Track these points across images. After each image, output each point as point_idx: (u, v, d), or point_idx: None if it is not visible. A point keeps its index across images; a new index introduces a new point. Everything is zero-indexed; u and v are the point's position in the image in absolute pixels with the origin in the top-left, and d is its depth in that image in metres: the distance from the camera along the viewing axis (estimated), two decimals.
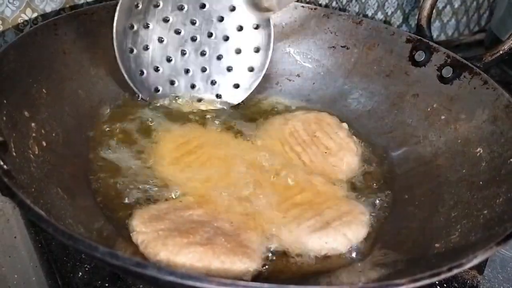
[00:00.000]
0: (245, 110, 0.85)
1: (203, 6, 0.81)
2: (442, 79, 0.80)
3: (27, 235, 0.66)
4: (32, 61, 0.68)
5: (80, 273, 0.61)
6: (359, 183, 0.75)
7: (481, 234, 0.59)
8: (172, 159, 0.72)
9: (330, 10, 0.90)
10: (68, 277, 0.60)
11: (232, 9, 0.81)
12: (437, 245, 0.62)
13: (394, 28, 0.88)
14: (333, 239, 0.63)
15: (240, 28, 0.82)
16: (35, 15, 0.81)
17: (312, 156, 0.76)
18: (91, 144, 0.72)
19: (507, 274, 0.69)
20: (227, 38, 0.83)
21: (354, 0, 1.08)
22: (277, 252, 0.62)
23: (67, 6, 0.84)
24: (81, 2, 0.85)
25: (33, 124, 0.64)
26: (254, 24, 0.82)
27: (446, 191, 0.70)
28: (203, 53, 0.83)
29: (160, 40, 0.79)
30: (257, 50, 0.83)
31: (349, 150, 0.78)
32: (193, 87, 0.83)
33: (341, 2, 1.07)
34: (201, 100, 0.84)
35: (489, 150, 0.70)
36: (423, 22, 0.88)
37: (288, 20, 0.85)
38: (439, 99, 0.80)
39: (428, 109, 0.80)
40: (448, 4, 1.23)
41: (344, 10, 1.07)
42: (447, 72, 0.80)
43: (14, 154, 0.57)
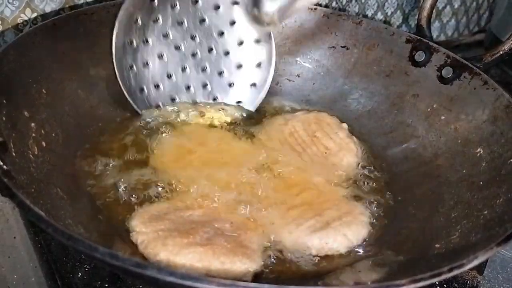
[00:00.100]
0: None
1: (203, 21, 0.79)
2: (442, 80, 0.80)
3: (26, 235, 0.66)
4: (32, 61, 0.68)
5: (80, 273, 0.61)
6: (359, 183, 0.74)
7: (481, 235, 0.59)
8: (173, 158, 0.72)
9: (330, 10, 0.90)
10: (68, 277, 0.60)
11: (232, 23, 0.80)
12: (437, 245, 0.62)
13: (394, 29, 0.88)
14: (333, 240, 0.63)
15: (241, 43, 0.81)
16: (34, 15, 0.81)
17: (312, 156, 0.76)
18: (92, 145, 0.72)
19: (507, 274, 0.69)
20: (227, 53, 0.81)
21: (354, 0, 1.08)
22: (277, 252, 0.62)
23: (67, 6, 0.84)
24: (80, 2, 0.85)
25: (32, 124, 0.64)
26: (255, 39, 0.81)
27: (446, 191, 0.70)
28: (203, 69, 0.81)
29: (160, 56, 0.78)
30: (258, 65, 0.82)
31: (349, 150, 0.77)
32: (194, 104, 0.81)
33: (341, 2, 1.07)
34: (203, 114, 0.81)
35: (489, 151, 0.70)
36: (423, 23, 0.87)
37: (287, 20, 0.85)
38: (439, 100, 0.80)
39: (428, 109, 0.80)
40: (448, 4, 1.23)
41: (344, 10, 1.07)
42: (447, 72, 0.80)
43: (14, 154, 0.57)
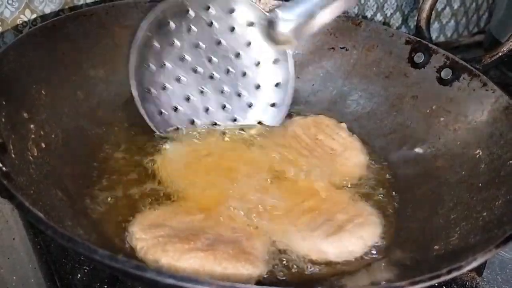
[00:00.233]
0: None
1: (219, 43, 0.79)
2: (441, 81, 0.80)
3: (26, 237, 0.66)
4: (31, 62, 0.68)
5: (79, 275, 0.61)
6: (363, 183, 0.74)
7: (480, 236, 0.59)
8: (179, 165, 0.71)
9: None
10: (67, 278, 0.60)
11: (248, 44, 0.79)
12: (436, 247, 0.62)
13: (393, 30, 0.88)
14: (350, 242, 0.63)
15: (258, 63, 0.80)
16: (34, 16, 0.81)
17: (319, 158, 0.75)
18: (92, 146, 0.72)
19: (506, 275, 0.69)
20: (245, 74, 0.81)
21: None
22: (288, 259, 0.61)
23: (66, 7, 0.84)
24: (80, 3, 0.85)
25: (32, 126, 0.64)
26: (272, 59, 0.80)
27: (445, 193, 0.70)
28: (222, 90, 0.80)
29: (178, 79, 0.78)
30: (277, 84, 0.82)
31: (354, 148, 0.78)
32: (214, 125, 0.81)
33: None
34: (224, 133, 0.80)
35: (488, 152, 0.70)
36: (422, 24, 0.88)
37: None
38: (438, 101, 0.80)
39: (427, 110, 0.80)
40: (447, 5, 1.23)
41: (343, 12, 1.07)
42: (446, 73, 0.80)
43: (13, 155, 0.57)
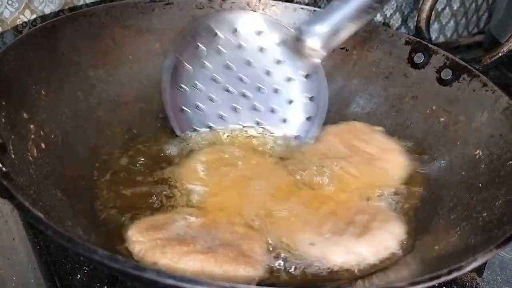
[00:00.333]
0: None
1: (249, 63, 0.79)
2: (441, 81, 0.80)
3: (25, 237, 0.66)
4: (31, 62, 0.68)
5: (79, 275, 0.61)
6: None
7: (480, 237, 0.59)
8: (197, 171, 0.71)
9: None
10: (67, 279, 0.60)
11: (278, 62, 0.79)
12: (436, 247, 0.62)
13: (393, 30, 0.89)
14: (382, 238, 0.63)
15: (289, 79, 0.80)
16: (34, 16, 0.81)
17: (359, 166, 0.73)
18: (92, 146, 0.72)
19: (506, 276, 0.69)
20: (277, 91, 0.80)
21: None
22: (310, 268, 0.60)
23: (66, 7, 0.84)
24: (80, 3, 0.85)
25: (32, 126, 0.64)
26: (303, 73, 0.80)
27: (445, 193, 0.70)
28: (255, 107, 0.80)
29: (211, 99, 0.79)
30: (311, 98, 0.81)
31: (392, 150, 0.76)
32: (248, 137, 0.80)
33: None
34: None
35: (488, 152, 0.70)
36: (422, 24, 0.87)
37: (287, 23, 0.85)
38: (438, 101, 0.80)
39: (427, 111, 0.80)
40: (447, 6, 1.23)
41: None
42: (446, 74, 0.80)
43: (13, 156, 0.57)
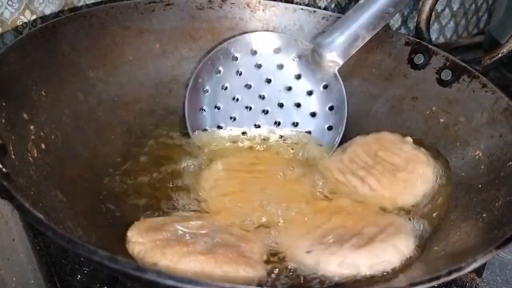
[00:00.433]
0: None
1: (269, 81, 0.80)
2: (441, 82, 0.80)
3: (25, 238, 0.66)
4: (31, 63, 0.68)
5: (79, 276, 0.61)
6: None
7: (480, 238, 0.59)
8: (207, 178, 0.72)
9: (329, 13, 0.89)
10: (67, 280, 0.60)
11: (298, 77, 0.81)
12: (436, 248, 0.62)
13: (393, 31, 0.88)
14: (383, 251, 0.59)
15: (310, 93, 0.81)
16: (34, 17, 0.81)
17: (378, 176, 0.72)
18: (92, 147, 0.72)
19: (506, 276, 0.69)
20: (299, 105, 0.81)
21: (353, 2, 1.08)
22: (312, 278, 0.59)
23: (66, 8, 0.84)
24: (80, 4, 0.85)
25: (32, 127, 0.64)
26: (323, 85, 0.80)
27: None
28: (277, 123, 0.81)
29: (233, 118, 0.80)
30: (331, 108, 0.81)
31: (418, 161, 0.73)
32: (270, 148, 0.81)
33: (340, 4, 1.07)
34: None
35: (488, 153, 0.70)
36: (422, 25, 0.87)
37: (287, 23, 0.85)
38: (438, 102, 0.80)
39: (427, 112, 0.80)
40: (447, 6, 1.23)
41: (344, 13, 1.07)
42: (446, 75, 0.80)
43: (13, 157, 0.57)
